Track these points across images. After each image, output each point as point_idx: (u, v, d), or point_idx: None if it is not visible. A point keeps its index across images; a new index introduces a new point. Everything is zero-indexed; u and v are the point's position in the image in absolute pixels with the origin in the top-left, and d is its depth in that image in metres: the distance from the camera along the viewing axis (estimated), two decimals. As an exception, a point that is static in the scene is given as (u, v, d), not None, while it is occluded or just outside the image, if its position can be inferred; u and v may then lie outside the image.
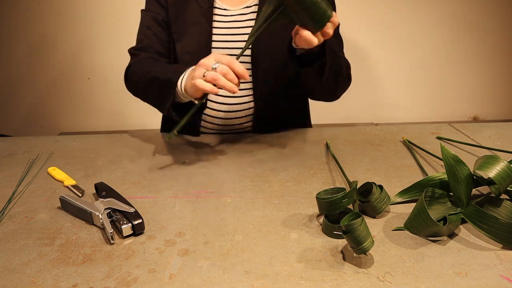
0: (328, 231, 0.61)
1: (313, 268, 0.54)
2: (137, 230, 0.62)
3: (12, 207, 0.70)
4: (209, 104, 1.01)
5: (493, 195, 0.65)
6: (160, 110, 0.90)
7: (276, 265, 0.55)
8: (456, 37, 2.68)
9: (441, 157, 0.82)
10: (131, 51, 1.00)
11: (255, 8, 0.95)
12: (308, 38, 0.72)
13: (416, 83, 2.78)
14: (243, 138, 1.00)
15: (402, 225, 0.63)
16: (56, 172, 0.81)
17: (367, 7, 2.54)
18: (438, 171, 0.82)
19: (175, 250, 0.58)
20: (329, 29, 0.74)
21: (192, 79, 0.77)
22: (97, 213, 0.63)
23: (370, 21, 2.58)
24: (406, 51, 2.69)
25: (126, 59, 0.99)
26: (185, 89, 0.81)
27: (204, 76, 0.75)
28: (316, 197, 0.64)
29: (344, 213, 0.62)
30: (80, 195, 0.73)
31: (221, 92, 0.98)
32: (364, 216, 0.60)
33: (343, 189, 0.63)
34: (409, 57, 2.71)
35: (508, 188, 0.65)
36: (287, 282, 0.52)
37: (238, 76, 0.75)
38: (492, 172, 0.62)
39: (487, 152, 0.91)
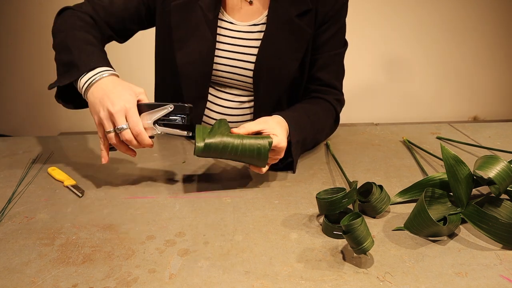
0: (328, 231, 0.61)
1: (313, 268, 0.54)
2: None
3: (12, 207, 0.70)
4: (209, 114, 0.99)
5: (493, 195, 0.65)
6: (54, 83, 0.78)
7: (276, 265, 0.55)
8: (456, 37, 2.68)
9: (441, 157, 0.82)
10: None
11: (263, 27, 0.90)
12: (256, 171, 0.76)
13: (416, 83, 2.78)
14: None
15: (402, 225, 0.63)
16: (56, 172, 0.81)
17: (368, 8, 2.54)
18: (438, 171, 0.82)
19: (175, 250, 0.58)
20: (275, 159, 0.77)
21: (97, 118, 0.73)
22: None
23: (371, 22, 2.58)
24: (406, 51, 2.69)
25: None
26: (84, 92, 0.76)
27: (108, 132, 0.71)
28: (316, 197, 0.64)
29: (344, 213, 0.62)
30: (80, 195, 0.73)
31: (221, 103, 0.97)
32: (364, 216, 0.61)
33: (343, 189, 0.63)
34: (409, 57, 2.71)
35: (508, 188, 0.65)
36: (287, 282, 0.52)
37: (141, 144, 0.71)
38: (492, 172, 0.62)
39: (487, 152, 0.91)
